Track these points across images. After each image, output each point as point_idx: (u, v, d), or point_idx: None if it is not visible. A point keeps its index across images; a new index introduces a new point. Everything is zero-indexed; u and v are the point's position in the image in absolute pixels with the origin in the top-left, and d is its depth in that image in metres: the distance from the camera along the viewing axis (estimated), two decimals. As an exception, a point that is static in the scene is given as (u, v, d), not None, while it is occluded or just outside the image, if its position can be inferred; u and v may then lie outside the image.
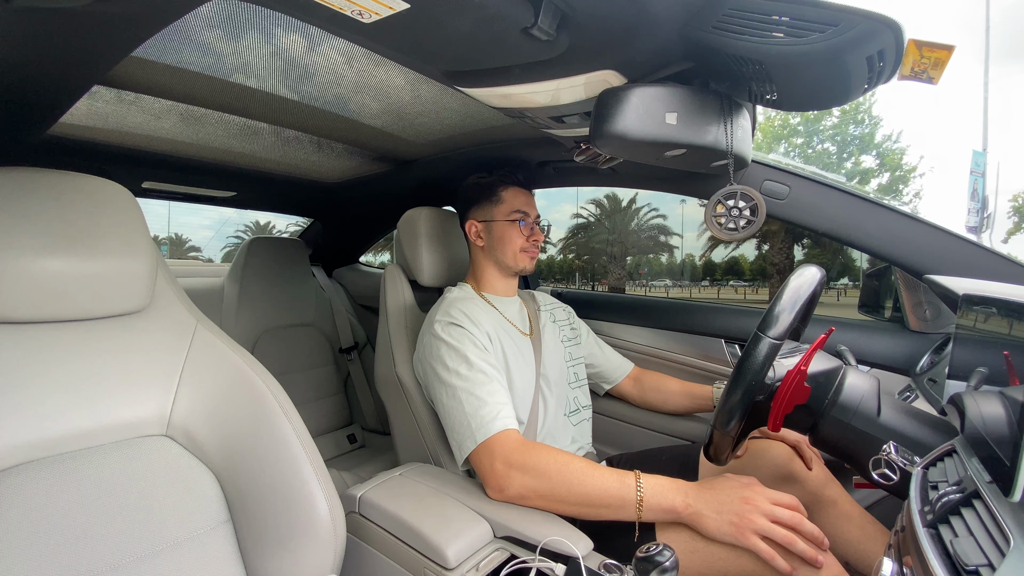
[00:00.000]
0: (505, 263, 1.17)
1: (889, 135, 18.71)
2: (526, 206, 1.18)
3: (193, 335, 0.76)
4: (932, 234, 0.96)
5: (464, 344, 0.99)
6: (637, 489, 0.79)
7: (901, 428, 0.73)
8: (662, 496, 0.79)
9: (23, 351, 0.63)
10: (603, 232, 19.90)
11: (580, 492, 0.81)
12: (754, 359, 0.76)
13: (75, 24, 0.55)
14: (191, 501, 0.68)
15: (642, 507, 0.79)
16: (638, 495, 0.79)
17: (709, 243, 18.99)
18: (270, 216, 21.54)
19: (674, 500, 0.78)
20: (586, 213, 19.70)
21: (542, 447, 0.88)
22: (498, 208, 1.17)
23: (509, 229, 1.16)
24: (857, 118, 18.04)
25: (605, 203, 19.65)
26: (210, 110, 1.08)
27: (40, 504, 0.58)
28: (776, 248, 17.32)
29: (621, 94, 0.72)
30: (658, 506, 0.79)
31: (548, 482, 0.82)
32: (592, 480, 0.81)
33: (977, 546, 0.41)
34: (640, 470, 0.84)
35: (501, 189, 1.18)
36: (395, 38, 0.66)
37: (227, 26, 0.76)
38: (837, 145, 18.51)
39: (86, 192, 0.68)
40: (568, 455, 0.86)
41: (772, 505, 0.74)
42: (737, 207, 0.82)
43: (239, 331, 1.69)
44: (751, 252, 19.14)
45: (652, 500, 0.79)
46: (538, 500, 0.84)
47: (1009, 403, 0.54)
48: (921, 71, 0.62)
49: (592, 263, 19.83)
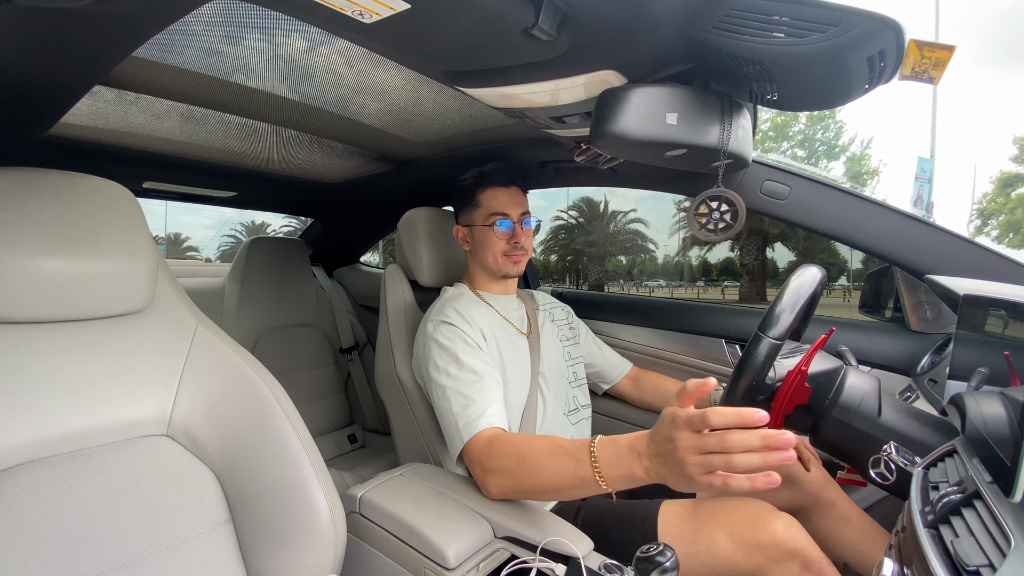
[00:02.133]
0: (488, 269, 1.15)
1: (853, 138, 19.05)
2: (506, 207, 1.12)
3: (194, 335, 0.76)
4: (933, 234, 0.96)
5: (455, 343, 0.98)
6: (592, 464, 0.71)
7: (902, 428, 0.73)
8: (620, 466, 0.69)
9: (24, 351, 0.63)
10: (584, 234, 20.30)
11: (543, 481, 0.77)
12: (755, 359, 0.76)
13: (76, 24, 0.55)
14: (192, 501, 0.68)
15: (604, 481, 0.70)
16: (595, 470, 0.71)
17: (681, 244, 19.42)
18: (265, 216, 21.71)
19: (633, 468, 0.68)
20: (567, 216, 20.12)
21: (504, 442, 0.84)
22: (477, 212, 1.14)
23: (488, 234, 1.12)
24: (823, 123, 18.28)
25: (584, 207, 20.22)
26: (211, 110, 1.08)
27: (41, 504, 0.58)
28: (748, 250, 17.63)
29: (621, 94, 0.72)
30: (620, 476, 0.69)
31: (515, 478, 0.80)
32: (550, 467, 0.76)
33: (978, 546, 0.41)
34: None
35: (478, 192, 1.14)
36: (396, 38, 0.66)
37: (228, 26, 0.76)
38: (805, 150, 18.72)
39: (87, 192, 0.68)
40: (527, 442, 0.82)
41: (698, 438, 0.59)
42: (719, 210, 0.83)
43: (240, 331, 1.69)
44: (724, 253, 19.41)
45: (611, 472, 0.70)
46: (518, 495, 0.83)
47: (1010, 403, 0.54)
48: (922, 71, 0.62)
49: (575, 264, 20.16)
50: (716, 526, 0.82)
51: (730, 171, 0.99)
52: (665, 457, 0.63)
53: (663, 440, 0.63)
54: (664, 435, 0.63)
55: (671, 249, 19.93)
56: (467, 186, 1.16)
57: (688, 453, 0.59)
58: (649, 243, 20.20)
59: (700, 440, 0.59)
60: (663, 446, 0.63)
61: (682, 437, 0.60)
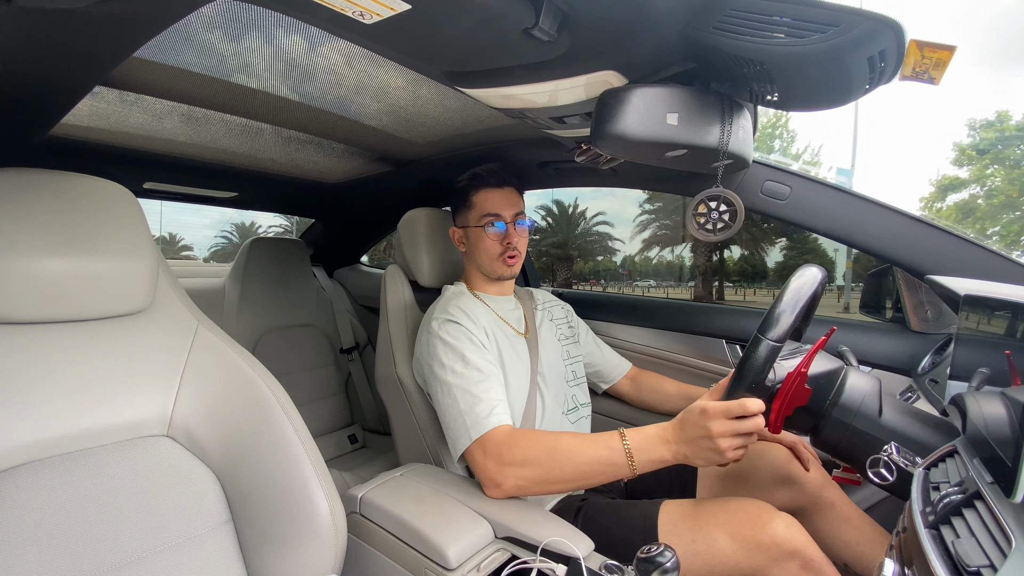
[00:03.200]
0: (483, 270, 1.15)
1: (806, 146, 19.65)
2: (499, 207, 1.12)
3: (194, 335, 0.76)
4: (933, 234, 0.96)
5: (461, 341, 0.98)
6: (625, 449, 0.82)
7: (903, 429, 0.73)
8: (650, 450, 0.81)
9: (25, 352, 0.63)
10: (552, 235, 20.79)
11: (573, 469, 0.83)
12: (754, 361, 0.76)
13: (77, 25, 0.55)
14: (192, 501, 0.68)
15: (634, 464, 0.81)
16: (627, 454, 0.81)
17: (642, 244, 19.96)
18: (255, 216, 22.07)
19: (662, 452, 0.81)
20: (539, 217, 20.60)
21: (528, 435, 0.89)
22: (471, 213, 1.14)
23: (481, 235, 1.12)
24: (776, 132, 18.74)
25: (554, 208, 20.80)
26: (211, 111, 1.08)
27: (42, 504, 0.59)
28: (699, 252, 18.16)
29: (622, 95, 0.72)
30: (648, 460, 0.81)
31: (541, 468, 0.83)
32: (582, 454, 0.83)
33: (979, 547, 0.41)
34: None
35: (472, 193, 1.13)
36: (396, 39, 0.66)
37: (228, 27, 0.76)
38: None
39: (88, 193, 0.68)
40: (554, 435, 0.87)
41: (731, 423, 0.76)
42: (718, 210, 0.83)
43: (240, 331, 1.69)
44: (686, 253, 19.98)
45: (642, 456, 0.81)
46: (536, 488, 0.85)
47: (1011, 404, 0.54)
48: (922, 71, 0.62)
49: (551, 264, 20.55)
50: (716, 526, 0.82)
51: (731, 171, 0.99)
52: (697, 443, 0.78)
53: (695, 428, 0.78)
54: (697, 424, 0.78)
55: (633, 249, 20.81)
56: (461, 187, 1.16)
57: (723, 437, 0.75)
58: (616, 243, 21.23)
59: (733, 426, 0.75)
60: (695, 433, 0.78)
61: (717, 424, 0.75)
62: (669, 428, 0.82)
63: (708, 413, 0.76)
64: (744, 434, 0.76)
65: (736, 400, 0.76)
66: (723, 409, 0.76)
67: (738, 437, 0.75)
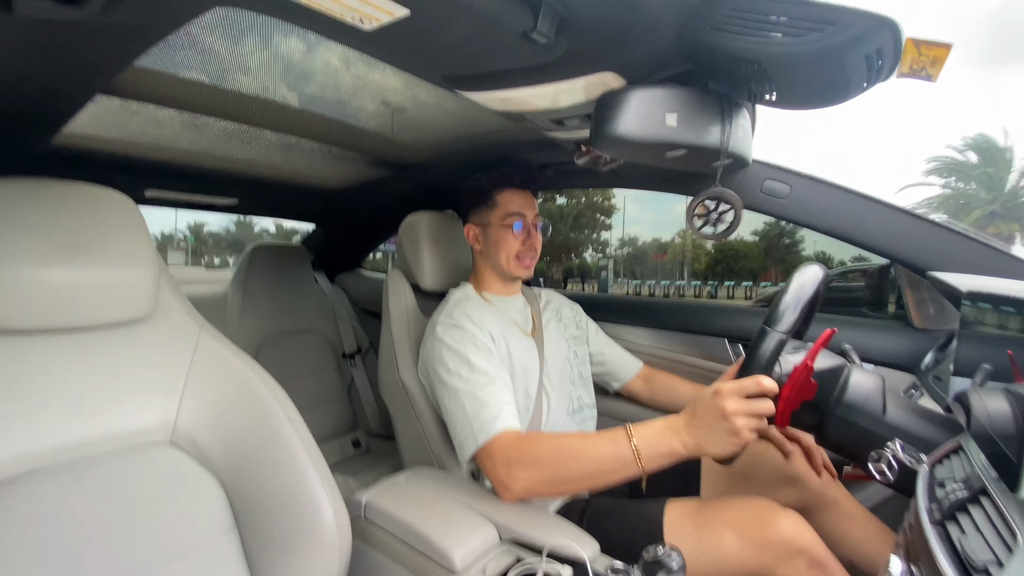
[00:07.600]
0: (500, 269, 1.16)
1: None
2: (522, 208, 1.14)
3: (197, 342, 0.76)
4: (934, 231, 0.96)
5: (465, 346, 0.99)
6: (632, 445, 0.79)
7: (907, 426, 0.73)
8: (658, 444, 0.79)
9: (27, 361, 0.63)
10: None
11: (581, 469, 0.82)
12: (762, 353, 0.76)
13: (78, 34, 0.55)
14: (197, 509, 0.68)
15: (641, 460, 0.78)
16: (634, 451, 0.79)
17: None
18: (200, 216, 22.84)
19: (672, 443, 0.78)
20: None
21: (535, 437, 0.89)
22: (493, 212, 1.15)
23: (504, 234, 1.13)
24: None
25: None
26: (212, 118, 1.08)
27: (45, 513, 0.58)
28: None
29: (621, 96, 0.73)
30: (657, 454, 0.79)
31: (549, 470, 0.83)
32: (589, 453, 0.82)
33: (985, 543, 0.41)
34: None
35: (496, 192, 1.15)
36: (396, 44, 0.67)
37: (228, 35, 0.76)
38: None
39: (89, 201, 0.68)
40: (561, 436, 0.87)
41: (746, 402, 0.74)
42: (717, 210, 0.83)
43: (242, 337, 1.69)
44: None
45: (649, 451, 0.78)
46: (545, 489, 0.86)
47: (1014, 399, 0.54)
48: (919, 69, 0.62)
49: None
50: (723, 524, 0.81)
51: (730, 171, 0.99)
52: (711, 427, 0.75)
53: (708, 410, 0.75)
54: (710, 405, 0.75)
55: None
56: (484, 185, 1.17)
57: (738, 416, 0.73)
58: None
59: (748, 404, 0.73)
60: (709, 414, 0.75)
61: (731, 403, 0.73)
62: (679, 419, 0.80)
63: (722, 392, 0.74)
64: (758, 415, 0.73)
65: (751, 377, 0.74)
66: (737, 387, 0.74)
67: (752, 418, 0.73)
